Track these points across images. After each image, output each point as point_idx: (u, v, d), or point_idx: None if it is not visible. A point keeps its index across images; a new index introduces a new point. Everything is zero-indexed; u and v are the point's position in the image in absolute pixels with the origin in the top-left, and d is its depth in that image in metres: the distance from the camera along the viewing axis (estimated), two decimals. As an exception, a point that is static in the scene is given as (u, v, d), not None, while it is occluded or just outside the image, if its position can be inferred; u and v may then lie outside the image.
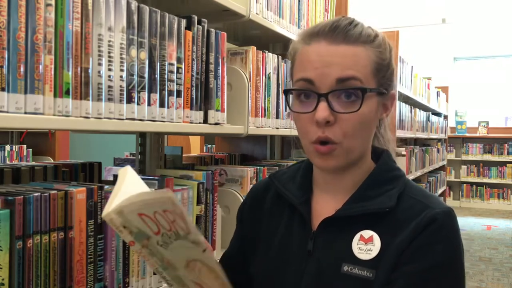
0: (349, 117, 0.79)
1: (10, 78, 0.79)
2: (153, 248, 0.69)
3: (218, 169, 1.61)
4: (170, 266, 0.72)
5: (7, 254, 0.84)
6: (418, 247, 0.79)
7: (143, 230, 0.67)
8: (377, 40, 0.84)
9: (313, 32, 0.83)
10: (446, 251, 0.79)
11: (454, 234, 0.81)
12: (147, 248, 0.69)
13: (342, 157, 0.82)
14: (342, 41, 0.80)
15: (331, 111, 0.79)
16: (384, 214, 0.82)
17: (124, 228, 0.66)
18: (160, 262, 0.71)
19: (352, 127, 0.80)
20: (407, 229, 0.80)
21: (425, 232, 0.79)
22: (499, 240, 6.00)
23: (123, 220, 0.65)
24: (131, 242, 0.68)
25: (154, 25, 1.11)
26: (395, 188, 0.85)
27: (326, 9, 2.21)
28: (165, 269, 0.73)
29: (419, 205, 0.82)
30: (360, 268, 0.80)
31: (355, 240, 0.82)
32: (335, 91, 0.79)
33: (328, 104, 0.79)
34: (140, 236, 0.67)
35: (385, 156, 0.90)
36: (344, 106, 0.80)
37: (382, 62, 0.84)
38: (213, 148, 2.93)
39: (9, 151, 3.94)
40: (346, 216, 0.84)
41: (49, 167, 1.37)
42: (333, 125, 0.80)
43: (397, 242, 0.80)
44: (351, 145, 0.81)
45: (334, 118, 0.79)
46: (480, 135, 8.63)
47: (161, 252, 0.70)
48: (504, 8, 7.75)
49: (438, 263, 0.78)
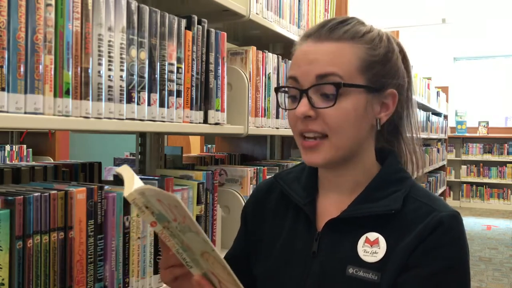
0: (329, 112, 0.80)
1: (10, 78, 0.79)
2: (173, 230, 0.71)
3: (218, 169, 1.61)
4: (189, 249, 0.73)
5: (7, 254, 0.84)
6: (427, 251, 0.78)
7: (163, 213, 0.69)
8: (367, 36, 0.83)
9: (304, 34, 0.86)
10: (454, 254, 0.79)
11: (461, 237, 0.80)
12: (168, 229, 0.71)
13: (328, 152, 0.82)
14: (326, 39, 0.81)
15: (310, 106, 0.80)
16: (390, 216, 0.82)
17: (147, 209, 0.68)
18: (180, 244, 0.73)
19: (335, 121, 0.80)
20: (414, 232, 0.79)
21: (433, 235, 0.78)
22: (499, 240, 6.00)
23: (145, 201, 0.67)
24: (152, 223, 0.70)
25: (154, 25, 1.11)
26: (401, 190, 0.84)
27: (326, 9, 2.21)
28: (185, 251, 0.74)
29: (425, 208, 0.82)
30: (365, 271, 0.80)
31: (361, 242, 0.82)
32: (313, 86, 0.80)
33: (308, 100, 0.80)
34: (162, 218, 0.69)
35: (391, 157, 0.89)
36: (323, 101, 0.81)
37: (372, 58, 0.82)
38: (213, 148, 2.93)
39: (9, 151, 3.94)
40: (352, 217, 0.83)
41: (49, 167, 1.37)
42: (316, 119, 0.81)
43: (403, 244, 0.79)
44: (338, 141, 0.81)
45: (316, 114, 0.81)
46: (480, 135, 8.63)
47: (180, 236, 0.71)
48: (504, 8, 7.75)
49: (447, 266, 0.78)
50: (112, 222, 1.06)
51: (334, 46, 0.81)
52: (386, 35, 0.86)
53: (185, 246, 0.73)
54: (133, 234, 1.12)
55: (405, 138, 0.93)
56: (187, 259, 0.75)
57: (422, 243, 0.78)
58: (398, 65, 0.87)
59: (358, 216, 0.83)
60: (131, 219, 1.11)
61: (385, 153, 0.91)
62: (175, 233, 0.71)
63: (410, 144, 0.93)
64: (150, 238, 1.17)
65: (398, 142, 0.93)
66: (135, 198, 0.67)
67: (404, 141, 0.93)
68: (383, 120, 0.87)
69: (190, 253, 0.74)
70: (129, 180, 0.69)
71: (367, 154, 0.88)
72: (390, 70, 0.85)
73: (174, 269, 0.81)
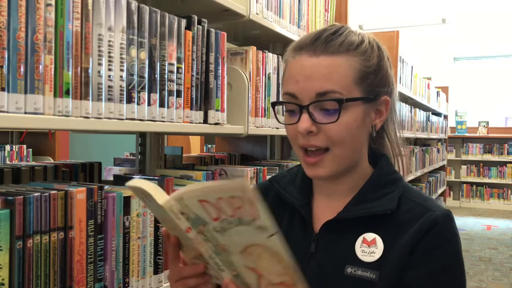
0: (331, 127, 0.81)
1: (10, 78, 0.79)
2: (208, 233, 0.70)
3: (218, 169, 1.61)
4: (224, 252, 0.73)
5: (7, 254, 0.84)
6: (425, 251, 0.80)
7: (201, 217, 0.68)
8: (361, 47, 0.83)
9: (298, 45, 0.85)
10: (451, 251, 0.81)
11: (455, 234, 0.83)
12: (202, 234, 0.70)
13: (331, 166, 0.83)
14: (322, 52, 0.81)
15: (312, 122, 0.81)
16: (386, 217, 0.83)
17: (182, 215, 0.68)
18: (213, 248, 0.72)
19: (337, 135, 0.81)
20: (409, 231, 0.81)
21: (429, 235, 0.80)
22: (499, 240, 5.99)
23: (181, 207, 0.67)
24: (188, 229, 0.70)
25: (154, 25, 1.11)
26: (395, 190, 0.86)
27: (326, 9, 2.21)
28: (217, 255, 0.73)
29: (419, 208, 0.84)
30: (363, 270, 0.81)
31: (358, 242, 0.83)
32: (314, 102, 0.81)
33: (309, 116, 0.81)
34: (197, 222, 0.69)
35: (384, 160, 0.91)
36: (325, 116, 0.81)
37: (366, 69, 0.83)
38: (213, 148, 2.93)
39: (9, 151, 3.94)
40: (348, 218, 0.85)
41: (49, 167, 1.37)
42: (317, 134, 0.82)
43: (400, 244, 0.81)
44: (340, 153, 0.83)
45: (317, 129, 0.82)
46: (480, 135, 8.63)
47: (216, 238, 0.71)
48: (504, 8, 7.75)
49: (446, 264, 0.81)
50: (112, 222, 1.06)
51: (330, 60, 0.81)
52: (376, 43, 0.87)
53: (218, 249, 0.72)
54: (133, 234, 1.12)
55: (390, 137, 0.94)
56: (219, 263, 0.74)
57: (419, 243, 0.80)
58: (389, 72, 0.88)
59: (354, 217, 0.84)
60: (131, 219, 1.11)
61: (377, 156, 0.92)
62: (209, 237, 0.71)
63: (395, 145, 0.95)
64: (150, 238, 1.17)
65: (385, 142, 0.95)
66: (172, 205, 0.67)
67: (389, 139, 0.94)
68: (378, 126, 0.88)
69: (225, 255, 0.73)
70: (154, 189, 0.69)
71: (363, 159, 0.90)
72: (382, 78, 0.86)
73: (187, 280, 0.78)
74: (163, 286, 1.21)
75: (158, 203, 0.67)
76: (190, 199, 0.66)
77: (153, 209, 0.77)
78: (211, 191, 0.65)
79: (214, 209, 0.67)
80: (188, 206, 0.67)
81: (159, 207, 0.69)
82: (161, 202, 0.67)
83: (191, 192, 0.65)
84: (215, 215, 0.68)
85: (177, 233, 0.76)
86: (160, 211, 0.70)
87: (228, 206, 0.66)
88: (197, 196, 0.66)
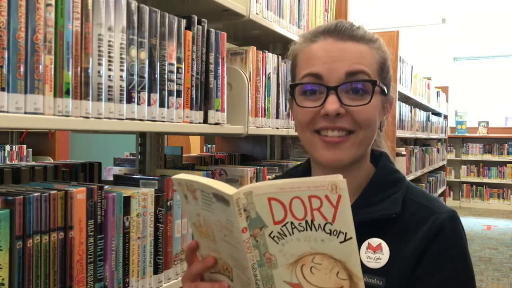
0: (361, 109, 0.80)
1: (10, 78, 0.79)
2: (260, 239, 0.66)
3: (218, 169, 1.61)
4: (268, 263, 0.68)
5: (7, 254, 0.84)
6: (433, 258, 0.79)
7: (262, 218, 0.65)
8: (378, 42, 0.86)
9: (317, 32, 0.85)
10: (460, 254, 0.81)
11: (462, 235, 0.83)
12: (254, 238, 0.66)
13: (352, 149, 0.82)
14: (349, 39, 0.82)
15: (340, 103, 0.80)
16: (391, 220, 0.82)
17: (244, 212, 0.64)
18: (258, 257, 0.67)
19: (366, 117, 0.81)
20: (416, 236, 0.80)
21: (437, 240, 0.79)
22: (499, 240, 6.00)
23: (247, 203, 0.64)
24: (244, 229, 0.65)
25: (154, 25, 1.11)
26: (399, 191, 0.84)
27: (326, 9, 2.21)
28: (260, 266, 0.68)
29: (425, 210, 0.83)
30: (369, 277, 0.79)
31: (363, 248, 0.81)
32: (345, 84, 0.80)
33: (337, 97, 0.79)
34: (255, 223, 0.65)
35: (385, 158, 0.91)
36: (353, 99, 0.80)
37: (384, 62, 0.86)
38: (213, 148, 2.93)
39: (9, 151, 3.94)
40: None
41: (49, 167, 1.37)
42: (344, 117, 0.80)
43: (406, 249, 0.80)
44: (364, 137, 0.82)
45: (345, 111, 0.80)
46: (480, 135, 8.63)
47: (267, 245, 0.66)
48: (504, 8, 7.75)
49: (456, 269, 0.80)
50: (112, 222, 1.06)
51: (357, 46, 0.82)
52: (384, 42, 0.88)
53: (263, 260, 0.67)
54: (133, 234, 1.12)
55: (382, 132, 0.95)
56: (258, 276, 0.68)
57: (427, 249, 0.79)
58: (391, 72, 0.90)
59: (358, 222, 0.83)
60: (131, 219, 1.11)
61: (377, 155, 0.92)
62: (259, 243, 0.66)
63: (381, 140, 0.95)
64: (150, 238, 1.17)
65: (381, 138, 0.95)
66: (239, 198, 0.63)
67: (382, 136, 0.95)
68: (384, 124, 0.89)
69: (266, 268, 0.68)
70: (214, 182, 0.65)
71: (367, 156, 0.89)
72: (391, 77, 0.89)
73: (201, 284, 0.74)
74: (163, 286, 1.21)
75: (227, 193, 0.63)
76: (260, 196, 0.63)
77: (190, 210, 0.74)
78: (292, 188, 0.62)
79: (282, 210, 0.63)
80: (253, 203, 0.64)
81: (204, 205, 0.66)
82: (230, 193, 0.63)
83: (266, 187, 0.62)
84: (280, 218, 0.64)
85: (210, 240, 0.72)
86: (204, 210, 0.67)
87: (302, 207, 0.63)
88: (269, 193, 0.62)
